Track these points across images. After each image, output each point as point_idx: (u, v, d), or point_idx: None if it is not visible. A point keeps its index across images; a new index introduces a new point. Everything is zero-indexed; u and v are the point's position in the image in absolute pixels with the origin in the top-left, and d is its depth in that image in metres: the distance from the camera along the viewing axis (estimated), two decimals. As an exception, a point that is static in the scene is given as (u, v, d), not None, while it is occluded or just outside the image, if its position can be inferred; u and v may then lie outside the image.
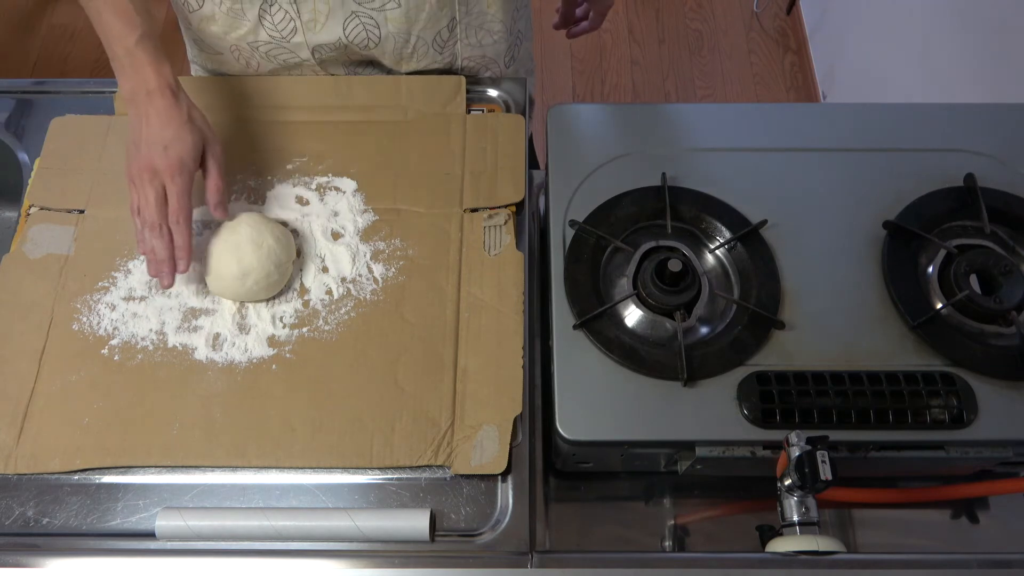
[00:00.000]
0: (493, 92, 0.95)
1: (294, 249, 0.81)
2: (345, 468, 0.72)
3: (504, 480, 0.71)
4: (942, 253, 0.77)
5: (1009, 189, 0.81)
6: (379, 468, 0.72)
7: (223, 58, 0.95)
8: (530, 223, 0.85)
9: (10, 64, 2.39)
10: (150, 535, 0.69)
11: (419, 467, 0.72)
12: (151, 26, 0.75)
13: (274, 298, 0.80)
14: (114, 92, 0.92)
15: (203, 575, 0.68)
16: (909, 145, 0.85)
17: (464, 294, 0.79)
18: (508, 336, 0.76)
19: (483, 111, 0.92)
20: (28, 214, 0.84)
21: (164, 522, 0.68)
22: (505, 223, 0.83)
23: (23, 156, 0.90)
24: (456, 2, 0.89)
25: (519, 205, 0.84)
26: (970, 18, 1.53)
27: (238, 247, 0.76)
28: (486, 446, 0.71)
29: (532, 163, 1.15)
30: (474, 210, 0.84)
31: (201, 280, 0.80)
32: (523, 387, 0.73)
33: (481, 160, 0.87)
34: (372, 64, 0.96)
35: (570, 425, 0.70)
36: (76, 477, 0.72)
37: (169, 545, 0.69)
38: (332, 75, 0.95)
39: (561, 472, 0.79)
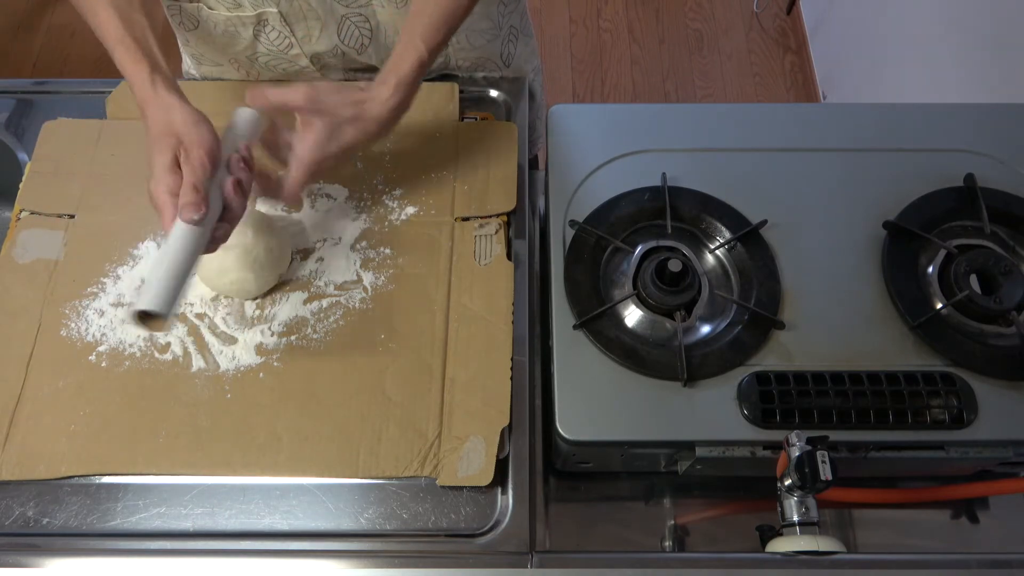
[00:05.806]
0: (493, 92, 0.95)
1: (287, 263, 0.80)
2: (331, 478, 0.71)
3: (504, 481, 0.71)
4: (942, 253, 0.77)
5: (1009, 189, 0.81)
6: (365, 478, 0.71)
7: (222, 69, 0.96)
8: (530, 223, 0.85)
9: (10, 64, 2.39)
10: (150, 535, 0.69)
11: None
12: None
13: (263, 305, 0.79)
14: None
15: (203, 575, 0.68)
16: (909, 145, 0.85)
17: (454, 304, 0.78)
18: (497, 347, 0.76)
19: (476, 119, 0.91)
20: (18, 218, 0.84)
21: None
22: (496, 232, 0.82)
23: (23, 156, 0.90)
24: None
25: (511, 213, 0.84)
26: (970, 18, 1.53)
27: (230, 245, 0.76)
28: (472, 458, 0.71)
29: (538, 164, 1.15)
30: (465, 219, 0.83)
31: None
32: (510, 399, 0.73)
33: (473, 169, 0.86)
34: (371, 70, 0.96)
35: (570, 425, 0.70)
36: (75, 477, 0.72)
37: (169, 545, 0.69)
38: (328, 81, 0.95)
39: (561, 472, 0.79)
